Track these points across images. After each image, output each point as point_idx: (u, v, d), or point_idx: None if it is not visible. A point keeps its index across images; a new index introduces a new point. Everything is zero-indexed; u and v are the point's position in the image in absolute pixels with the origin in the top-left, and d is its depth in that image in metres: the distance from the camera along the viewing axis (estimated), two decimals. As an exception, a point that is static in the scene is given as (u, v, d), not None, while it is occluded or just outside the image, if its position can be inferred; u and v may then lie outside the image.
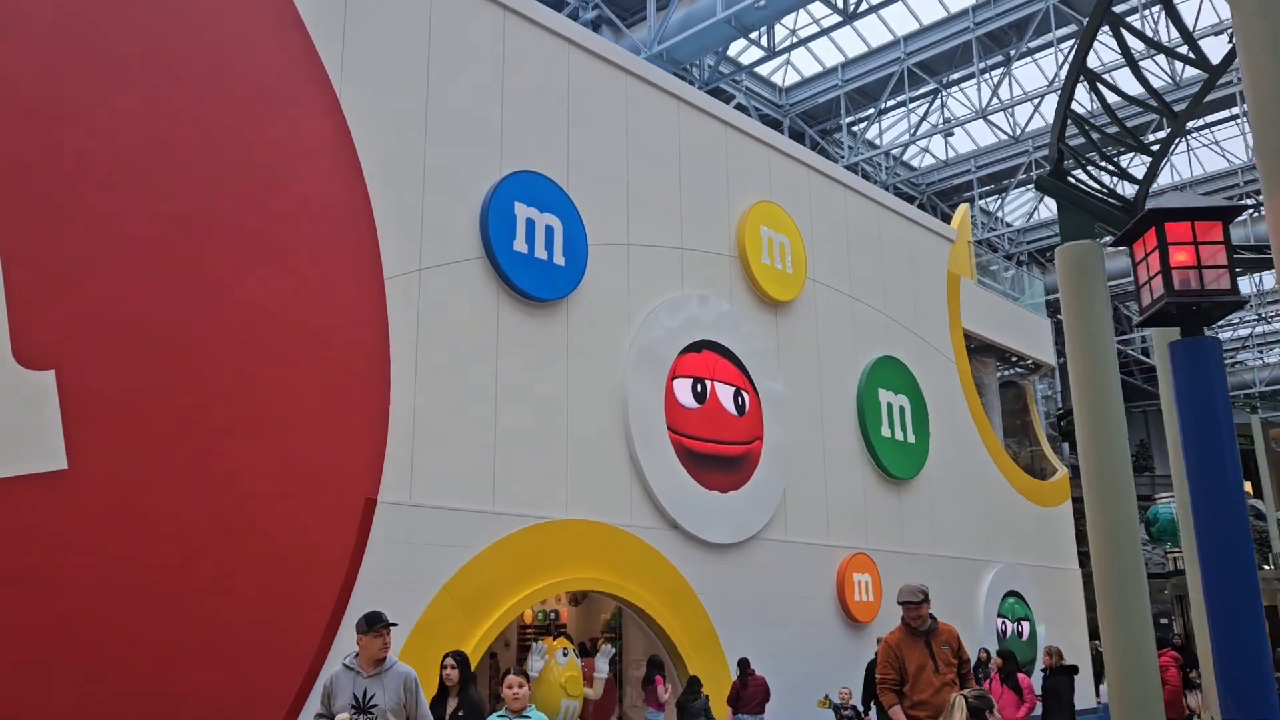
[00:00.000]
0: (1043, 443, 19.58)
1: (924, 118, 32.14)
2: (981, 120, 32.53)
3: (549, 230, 10.31)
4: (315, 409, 8.17)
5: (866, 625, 13.25)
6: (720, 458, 11.77)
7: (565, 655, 9.90)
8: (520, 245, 10.00)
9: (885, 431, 14.42)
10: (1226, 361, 43.03)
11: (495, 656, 15.19)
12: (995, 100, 30.38)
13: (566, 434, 10.18)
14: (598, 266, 10.85)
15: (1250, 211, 32.65)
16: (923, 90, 31.43)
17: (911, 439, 14.92)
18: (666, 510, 10.97)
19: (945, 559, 15.00)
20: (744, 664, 10.34)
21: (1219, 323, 35.87)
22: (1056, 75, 29.11)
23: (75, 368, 6.97)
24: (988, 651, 12.91)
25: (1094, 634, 18.51)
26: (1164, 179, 33.27)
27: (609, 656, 10.19)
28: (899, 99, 31.66)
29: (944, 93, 31.06)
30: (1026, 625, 16.40)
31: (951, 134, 32.11)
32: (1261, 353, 44.67)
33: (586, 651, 11.76)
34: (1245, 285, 38.63)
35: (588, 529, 10.15)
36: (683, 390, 11.50)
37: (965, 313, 17.06)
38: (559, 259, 10.35)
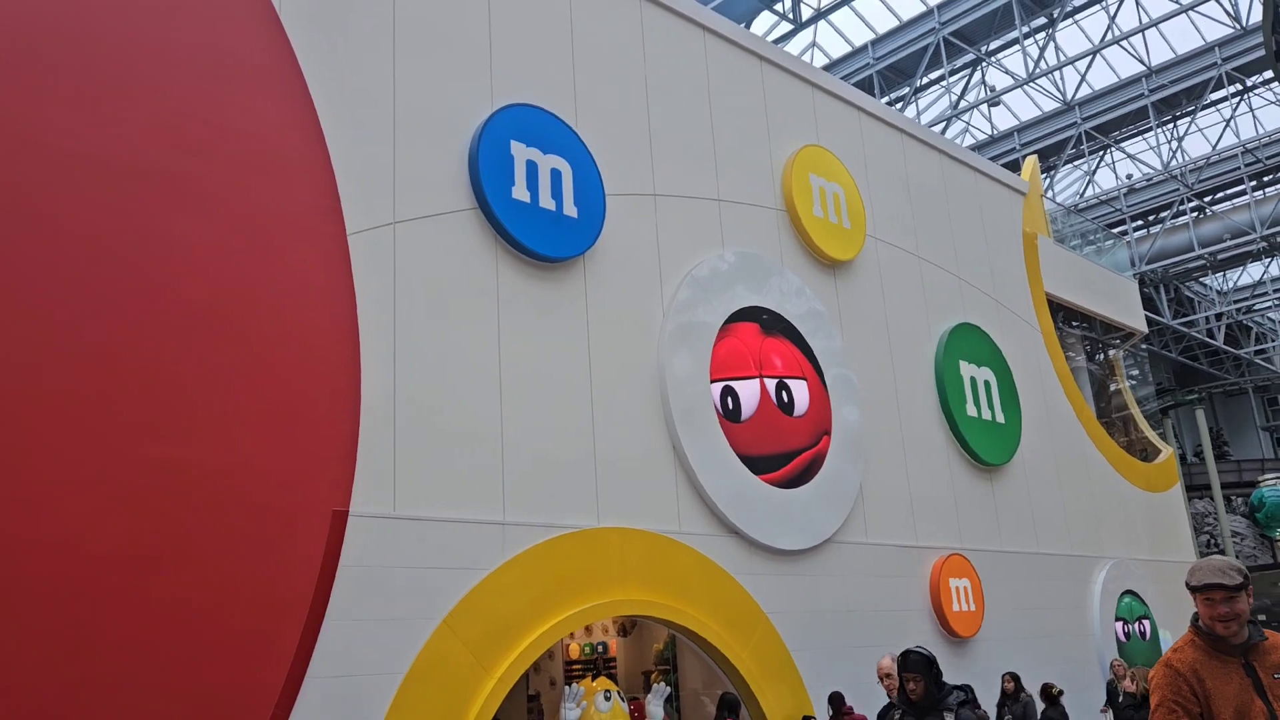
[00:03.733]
0: (1139, 421, 17.26)
1: (963, 94, 30.05)
2: (1025, 95, 30.39)
3: (555, 175, 8.41)
4: (261, 399, 6.28)
5: (969, 640, 11.06)
6: (791, 479, 9.74)
7: (608, 699, 7.88)
8: (520, 193, 8.10)
9: (971, 410, 12.28)
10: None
11: (537, 698, 13.30)
12: (1042, 63, 28.24)
13: (592, 423, 8.21)
14: (618, 220, 8.92)
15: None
16: (961, 62, 29.38)
17: (1001, 418, 12.75)
18: (723, 513, 8.93)
19: (1051, 557, 12.78)
20: (837, 700, 8.23)
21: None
22: (1108, 30, 26.96)
23: (-86, 350, 5.15)
24: (1014, 678, 10.39)
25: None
26: None
27: (663, 696, 8.15)
28: (936, 74, 29.64)
29: (985, 62, 28.95)
30: (1147, 624, 14.08)
31: (996, 104, 29.95)
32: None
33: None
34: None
35: (626, 539, 8.15)
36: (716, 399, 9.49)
37: (1046, 275, 14.89)
38: (570, 210, 8.43)
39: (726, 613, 8.67)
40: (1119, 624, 13.56)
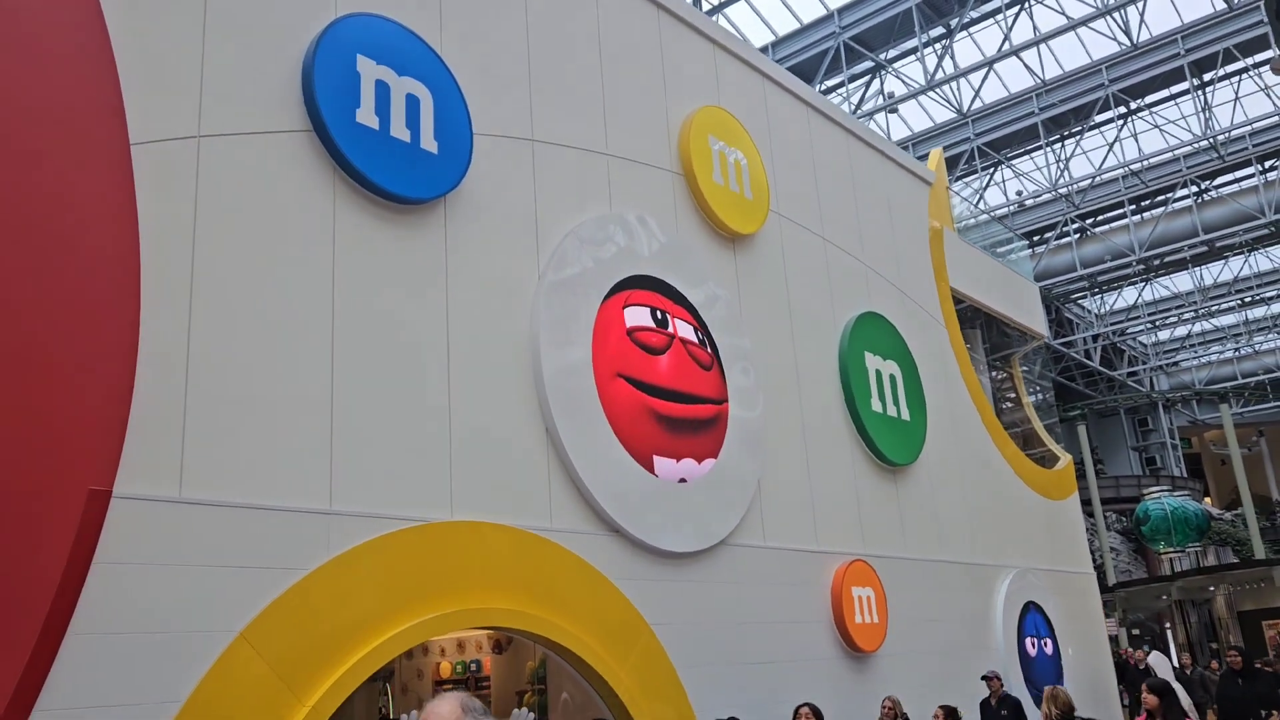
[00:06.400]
0: (1039, 429, 16.78)
1: (859, 106, 29.76)
2: (920, 109, 30.34)
3: (412, 101, 7.05)
4: (-10, 340, 4.75)
5: (872, 656, 10.07)
6: (692, 420, 8.65)
7: (457, 729, 6.50)
8: (367, 117, 6.71)
9: (876, 405, 11.36)
10: (1165, 363, 41.35)
11: (397, 723, 11.80)
12: (940, 73, 28.17)
13: (449, 396, 6.85)
14: (488, 164, 7.61)
15: (1194, 198, 30.88)
16: (860, 68, 29.12)
17: (906, 415, 11.88)
18: (602, 508, 7.67)
19: (955, 565, 11.95)
20: (731, 727, 7.08)
21: (1157, 323, 33.78)
22: (1006, 38, 27.00)
23: None
24: (894, 703, 9.38)
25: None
26: None
27: (527, 724, 6.82)
28: (835, 80, 29.29)
29: (885, 70, 28.72)
30: (1049, 644, 13.42)
31: (894, 111, 29.77)
32: (1198, 353, 43.15)
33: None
34: (1187, 280, 37.06)
35: (484, 536, 6.80)
36: (640, 322, 8.43)
37: (951, 269, 14.19)
38: (428, 144, 7.07)
39: (603, 624, 7.40)
40: (1029, 640, 12.85)
